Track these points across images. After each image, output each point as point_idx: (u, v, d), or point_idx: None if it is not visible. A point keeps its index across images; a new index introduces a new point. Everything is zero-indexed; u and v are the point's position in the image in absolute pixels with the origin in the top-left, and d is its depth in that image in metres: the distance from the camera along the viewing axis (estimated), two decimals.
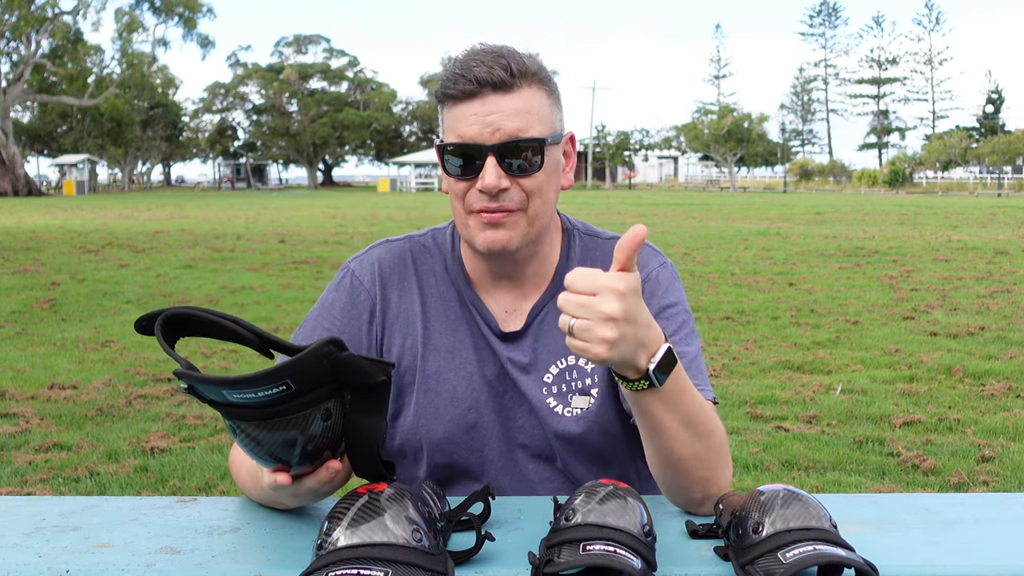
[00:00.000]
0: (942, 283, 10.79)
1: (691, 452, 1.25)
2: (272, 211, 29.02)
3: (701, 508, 1.30)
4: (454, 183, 1.42)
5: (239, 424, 1.06)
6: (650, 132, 71.72)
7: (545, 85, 1.42)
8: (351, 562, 0.98)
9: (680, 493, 1.30)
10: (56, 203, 37.95)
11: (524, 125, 1.37)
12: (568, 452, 1.49)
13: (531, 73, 1.39)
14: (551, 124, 1.42)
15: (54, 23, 51.71)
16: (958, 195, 48.27)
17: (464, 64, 1.38)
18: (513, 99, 1.37)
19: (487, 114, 1.36)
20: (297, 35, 78.84)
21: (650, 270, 1.51)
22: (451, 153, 1.40)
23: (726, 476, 1.30)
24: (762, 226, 20.64)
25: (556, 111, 1.44)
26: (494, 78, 1.35)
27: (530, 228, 1.43)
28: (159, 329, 1.10)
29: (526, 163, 1.38)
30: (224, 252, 14.92)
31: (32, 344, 7.54)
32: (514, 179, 1.39)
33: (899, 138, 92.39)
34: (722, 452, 1.30)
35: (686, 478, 1.27)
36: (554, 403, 1.48)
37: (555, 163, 1.44)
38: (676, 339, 1.45)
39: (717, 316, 8.66)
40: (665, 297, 1.49)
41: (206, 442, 4.81)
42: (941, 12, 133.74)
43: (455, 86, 1.37)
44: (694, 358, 1.44)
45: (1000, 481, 4.19)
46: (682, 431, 1.23)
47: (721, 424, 1.33)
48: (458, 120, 1.38)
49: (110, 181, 70.27)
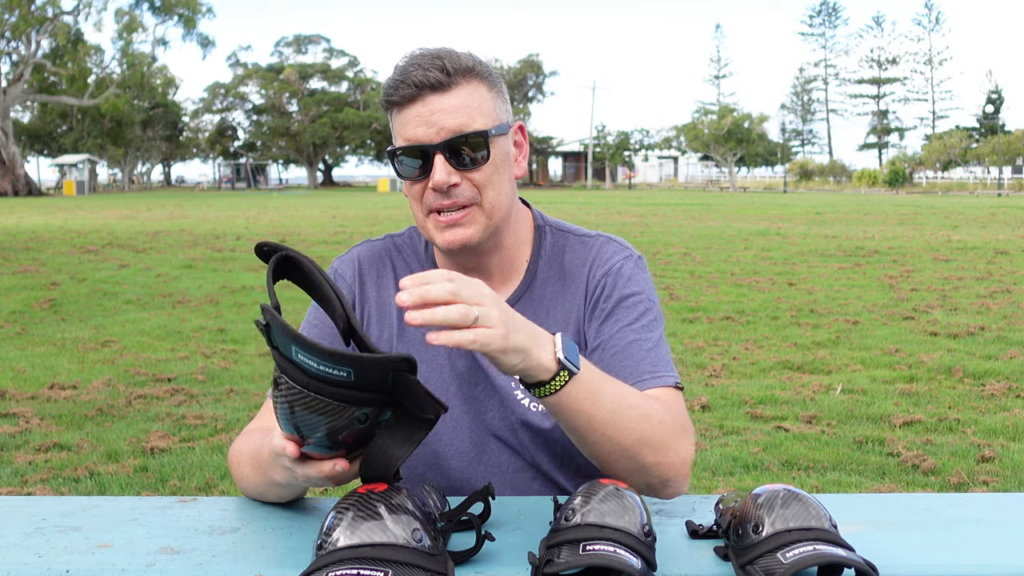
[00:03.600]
0: (942, 283, 10.79)
1: (632, 440, 1.26)
2: (272, 211, 29.02)
3: (665, 491, 1.32)
4: (410, 186, 1.47)
5: (286, 383, 1.06)
6: (650, 132, 71.62)
7: (484, 80, 1.45)
8: (351, 562, 0.98)
9: (635, 479, 1.29)
10: (56, 203, 37.96)
11: (466, 120, 1.41)
12: (534, 444, 1.51)
13: (467, 69, 1.43)
14: (494, 116, 1.45)
15: (54, 23, 51.67)
16: (958, 195, 48.27)
17: (403, 70, 1.42)
18: (452, 97, 1.41)
19: (429, 114, 1.41)
20: (297, 35, 78.78)
21: (613, 263, 1.54)
22: (401, 156, 1.44)
23: (680, 455, 1.30)
24: (762, 226, 20.64)
25: (499, 103, 1.48)
26: (431, 79, 1.40)
27: (489, 221, 1.46)
28: (275, 263, 1.14)
29: (473, 157, 1.42)
30: (224, 252, 14.92)
31: (32, 344, 7.55)
32: (463, 174, 1.42)
33: (899, 138, 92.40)
34: (666, 432, 1.29)
35: (637, 465, 1.28)
36: (521, 396, 1.51)
37: (504, 154, 1.47)
38: (637, 326, 1.47)
39: (717, 316, 8.66)
40: (626, 287, 1.51)
41: (206, 442, 4.81)
42: (941, 12, 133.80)
43: (396, 92, 1.42)
44: (654, 345, 1.46)
45: (1000, 481, 4.19)
46: (615, 419, 1.24)
47: (660, 405, 1.32)
48: (404, 124, 1.43)
49: (110, 181, 70.22)
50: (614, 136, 69.50)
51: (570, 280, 1.54)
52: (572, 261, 1.56)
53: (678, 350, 7.16)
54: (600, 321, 1.49)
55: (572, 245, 1.58)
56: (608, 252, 1.55)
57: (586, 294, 1.53)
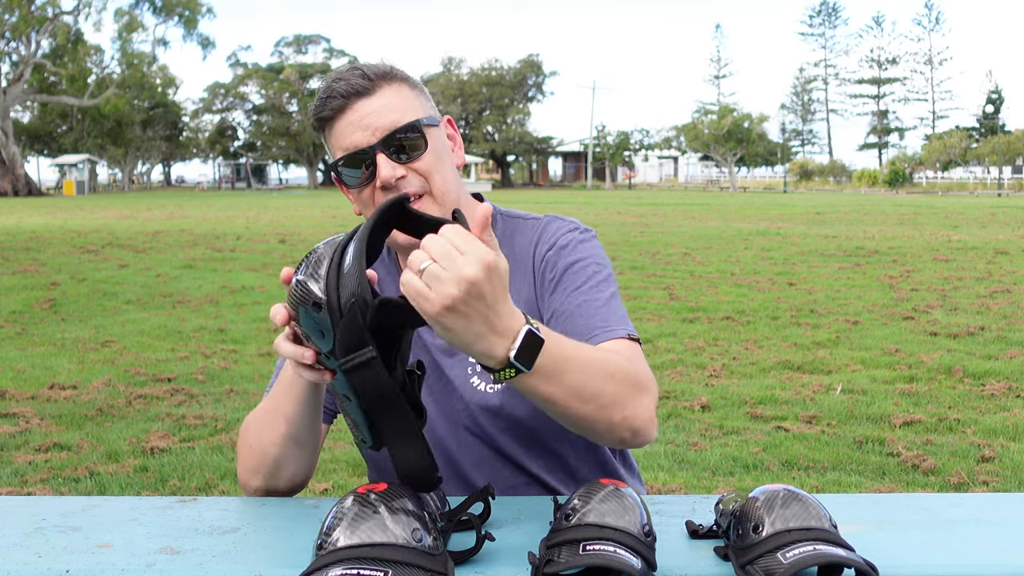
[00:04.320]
0: (942, 283, 10.79)
1: (596, 406, 1.25)
2: (272, 211, 29.02)
3: (635, 440, 1.33)
4: (358, 194, 1.50)
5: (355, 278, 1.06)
6: (650, 132, 71.60)
7: (404, 80, 1.51)
8: (351, 562, 0.98)
9: (606, 438, 1.32)
10: (56, 203, 37.96)
11: (397, 116, 1.46)
12: (495, 428, 1.53)
13: (385, 73, 1.49)
14: (422, 110, 1.50)
15: (54, 23, 51.68)
16: (958, 195, 48.27)
17: (326, 88, 1.48)
18: (378, 99, 1.46)
19: (360, 120, 1.45)
20: (297, 35, 78.78)
21: (557, 238, 1.57)
22: (344, 166, 1.48)
23: (644, 405, 1.31)
24: (762, 226, 20.64)
25: (424, 101, 1.53)
26: (355, 87, 1.46)
27: (442, 208, 1.48)
28: (389, 209, 1.14)
29: (411, 148, 1.46)
30: (224, 252, 14.93)
31: (32, 344, 7.55)
32: (407, 166, 1.46)
33: (899, 138, 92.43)
34: (631, 384, 1.29)
35: (605, 426, 1.28)
36: (477, 381, 1.52)
37: (441, 143, 1.52)
38: (585, 288, 1.49)
39: (717, 316, 8.67)
40: (570, 256, 1.54)
41: (206, 442, 4.81)
42: (941, 12, 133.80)
43: (326, 107, 1.47)
44: (605, 303, 1.47)
45: (1000, 481, 4.19)
46: (577, 391, 1.22)
47: (619, 359, 1.32)
48: (339, 136, 1.47)
49: (110, 181, 70.24)
50: (614, 136, 69.49)
51: (520, 262, 1.56)
52: (521, 243, 1.59)
53: (678, 350, 7.16)
54: (550, 292, 1.52)
55: (521, 229, 1.61)
56: (552, 229, 1.58)
57: (534, 272, 1.55)
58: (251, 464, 1.43)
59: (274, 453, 1.40)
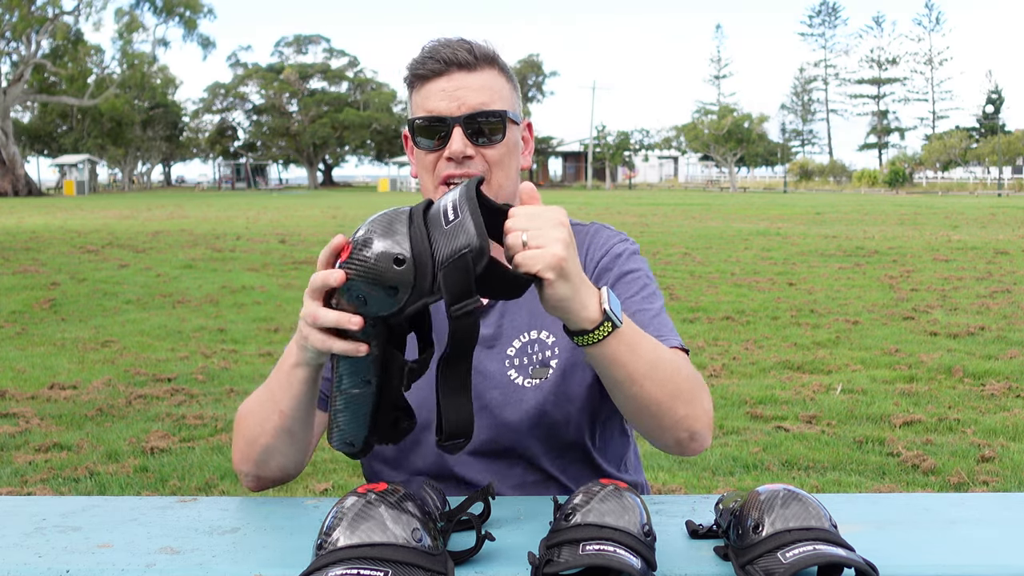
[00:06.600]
0: (942, 283, 10.79)
1: (666, 393, 1.29)
2: (272, 211, 29.01)
3: (692, 445, 1.35)
4: (424, 156, 1.51)
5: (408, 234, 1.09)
6: (650, 132, 71.53)
7: (504, 71, 1.54)
8: (351, 562, 0.98)
9: (667, 435, 1.34)
10: (56, 203, 37.95)
11: (487, 99, 1.48)
12: (524, 426, 1.53)
13: (491, 58, 1.52)
14: (511, 104, 1.53)
15: (54, 23, 51.66)
16: (958, 195, 48.26)
17: (431, 49, 1.50)
18: (477, 77, 1.49)
19: (454, 89, 1.47)
20: (297, 35, 78.70)
21: (610, 245, 1.59)
22: (420, 127, 1.50)
23: (704, 407, 1.36)
24: (762, 226, 20.64)
25: (515, 96, 1.56)
26: (459, 58, 1.48)
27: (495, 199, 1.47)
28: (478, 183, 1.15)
29: (489, 134, 1.48)
30: (224, 252, 14.92)
31: (32, 344, 7.55)
32: (478, 149, 1.48)
33: (899, 138, 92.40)
34: (694, 384, 1.35)
35: (670, 419, 1.32)
36: (515, 375, 1.53)
37: (515, 140, 1.54)
38: (639, 298, 1.52)
39: (717, 316, 8.67)
40: (625, 265, 1.57)
41: (206, 442, 4.81)
42: (941, 12, 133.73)
43: (423, 66, 1.49)
44: (658, 313, 1.51)
45: (1000, 481, 4.19)
46: (652, 372, 1.27)
47: (685, 361, 1.38)
48: (427, 98, 1.49)
49: (110, 181, 70.17)
50: (614, 136, 69.43)
51: None
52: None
53: None
54: None
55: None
56: (604, 236, 1.61)
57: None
58: (243, 451, 1.44)
59: (265, 443, 1.40)
